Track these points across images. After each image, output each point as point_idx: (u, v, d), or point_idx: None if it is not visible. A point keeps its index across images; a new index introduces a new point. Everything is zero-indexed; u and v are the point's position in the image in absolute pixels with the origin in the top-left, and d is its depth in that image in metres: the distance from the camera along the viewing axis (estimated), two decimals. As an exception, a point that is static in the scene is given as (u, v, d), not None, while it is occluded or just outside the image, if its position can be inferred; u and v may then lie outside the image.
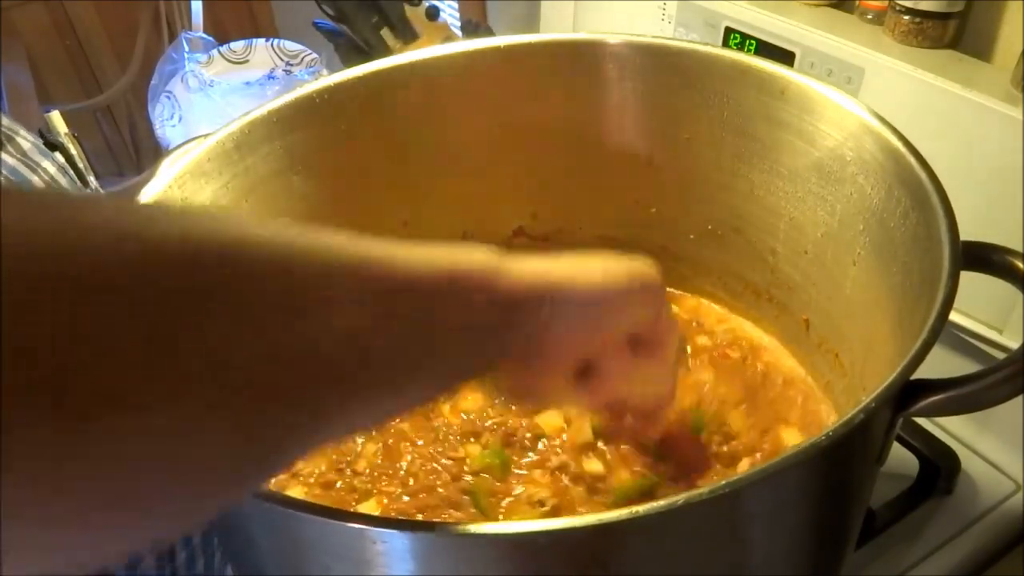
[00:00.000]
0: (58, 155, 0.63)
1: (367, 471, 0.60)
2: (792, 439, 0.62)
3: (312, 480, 0.60)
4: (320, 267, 0.30)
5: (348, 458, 0.61)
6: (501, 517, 0.57)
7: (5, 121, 0.60)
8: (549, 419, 0.63)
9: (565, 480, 0.59)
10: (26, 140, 0.61)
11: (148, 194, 0.55)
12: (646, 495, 0.57)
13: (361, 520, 0.37)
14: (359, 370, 0.31)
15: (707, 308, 0.74)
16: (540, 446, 0.62)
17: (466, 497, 0.58)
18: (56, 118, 0.90)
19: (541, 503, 0.57)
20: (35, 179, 0.59)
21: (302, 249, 0.30)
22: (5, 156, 0.58)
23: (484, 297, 0.36)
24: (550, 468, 0.60)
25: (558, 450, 0.61)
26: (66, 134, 0.87)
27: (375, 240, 0.33)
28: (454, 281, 0.35)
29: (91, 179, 0.68)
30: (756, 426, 0.62)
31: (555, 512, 0.57)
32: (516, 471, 0.60)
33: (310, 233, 0.31)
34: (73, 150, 0.67)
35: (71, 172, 0.64)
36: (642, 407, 0.53)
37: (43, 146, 0.63)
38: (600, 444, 0.61)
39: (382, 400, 0.34)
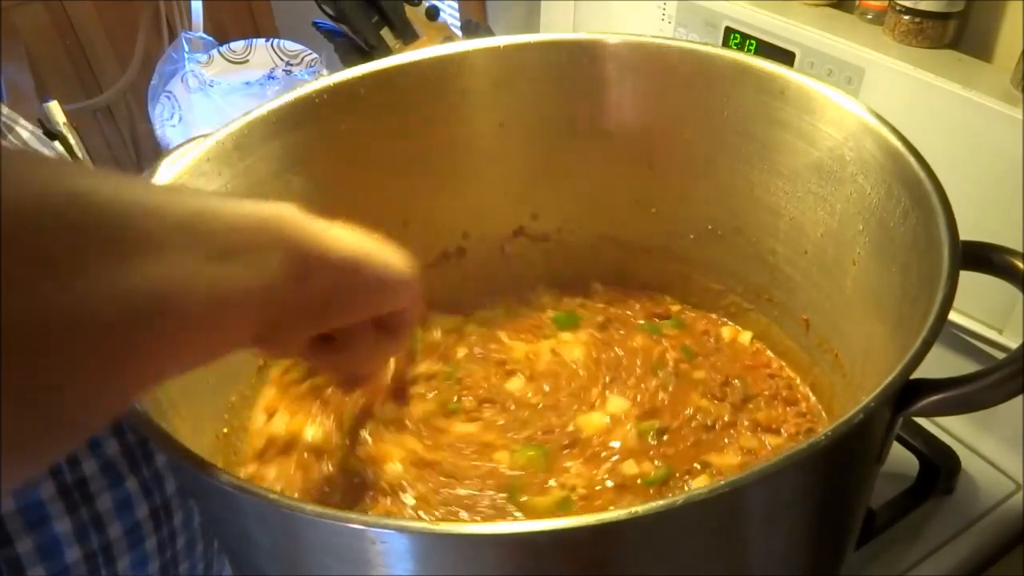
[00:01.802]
0: (57, 144, 0.64)
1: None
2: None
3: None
4: (147, 215, 0.33)
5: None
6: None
7: (5, 111, 0.61)
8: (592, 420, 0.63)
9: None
10: (25, 129, 0.61)
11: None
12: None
13: (361, 520, 0.37)
14: (174, 313, 0.33)
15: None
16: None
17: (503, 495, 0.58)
18: (54, 108, 0.90)
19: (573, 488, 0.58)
20: None
21: (135, 198, 0.32)
22: (7, 145, 0.58)
23: (289, 250, 0.40)
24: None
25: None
26: (64, 124, 0.87)
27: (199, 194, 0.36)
28: (264, 230, 0.39)
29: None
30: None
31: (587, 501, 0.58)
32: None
33: (144, 186, 0.34)
34: (72, 139, 0.67)
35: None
36: (362, 373, 0.58)
37: (43, 135, 0.63)
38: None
39: (185, 348, 0.36)
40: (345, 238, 0.45)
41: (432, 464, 0.59)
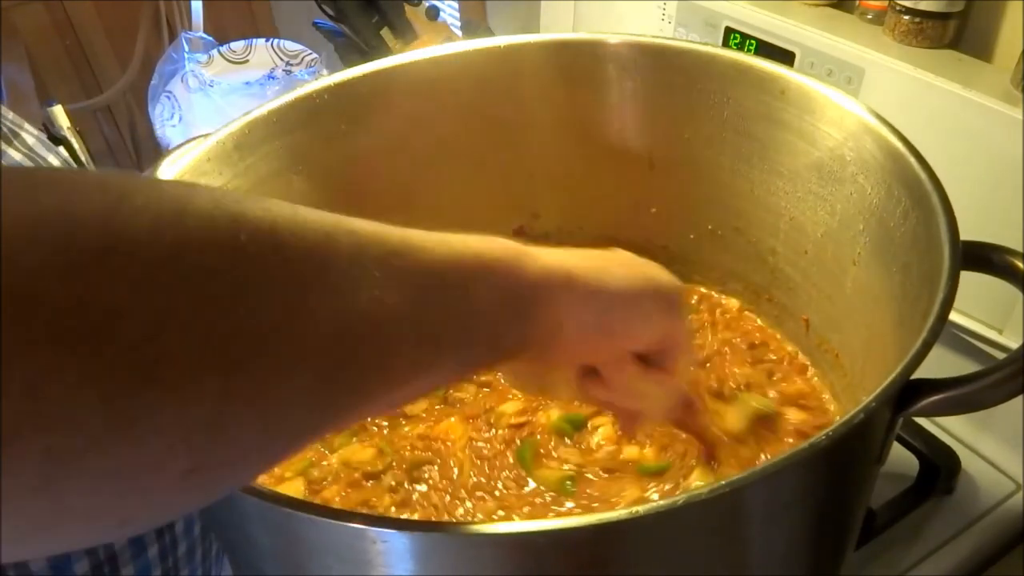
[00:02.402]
0: (62, 149, 0.63)
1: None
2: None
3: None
4: (355, 249, 0.31)
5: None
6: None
7: (10, 116, 0.60)
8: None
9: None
10: (30, 135, 0.61)
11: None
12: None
13: (361, 520, 0.37)
14: (389, 349, 0.32)
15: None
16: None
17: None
18: (59, 112, 0.90)
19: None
20: None
21: (341, 232, 0.31)
22: (11, 151, 0.58)
23: (508, 284, 0.37)
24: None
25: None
26: (68, 128, 0.87)
27: (406, 229, 0.35)
28: (480, 267, 0.36)
29: None
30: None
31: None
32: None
33: (345, 219, 0.32)
34: (76, 144, 0.67)
35: (74, 166, 0.64)
36: (634, 415, 0.52)
37: (47, 140, 0.63)
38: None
39: (408, 380, 0.34)
40: (562, 257, 0.41)
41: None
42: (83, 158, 0.66)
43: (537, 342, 0.39)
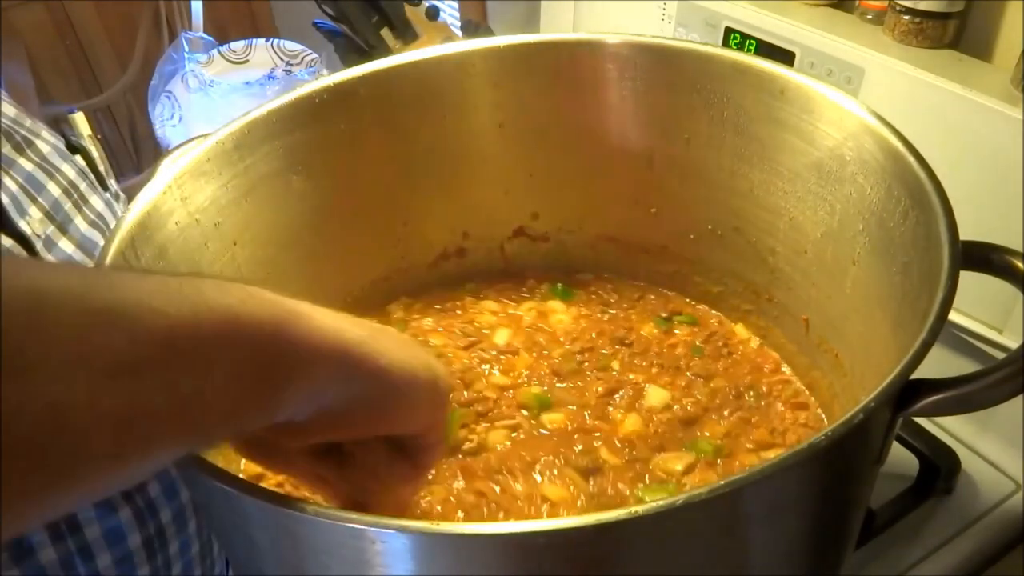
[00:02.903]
0: (79, 158, 0.63)
1: None
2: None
3: None
4: (44, 319, 0.26)
5: None
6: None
7: (27, 123, 0.60)
8: None
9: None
10: (46, 143, 0.60)
11: (148, 194, 0.55)
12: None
13: (361, 520, 0.37)
14: (77, 445, 0.27)
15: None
16: None
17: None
18: (80, 120, 0.90)
19: None
20: (52, 185, 0.58)
21: (62, 295, 0.27)
22: (23, 161, 0.57)
23: (264, 351, 0.32)
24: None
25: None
26: (89, 136, 0.87)
27: (140, 277, 0.30)
28: (230, 331, 0.31)
29: (112, 183, 0.68)
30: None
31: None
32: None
33: (41, 270, 0.28)
34: (95, 153, 0.67)
35: (91, 176, 0.63)
36: (374, 497, 0.46)
37: (64, 148, 0.62)
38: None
39: (111, 471, 0.30)
40: (336, 323, 0.36)
41: None
42: (101, 168, 0.65)
43: (289, 414, 0.35)
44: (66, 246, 0.58)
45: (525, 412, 0.63)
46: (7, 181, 0.55)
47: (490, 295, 0.76)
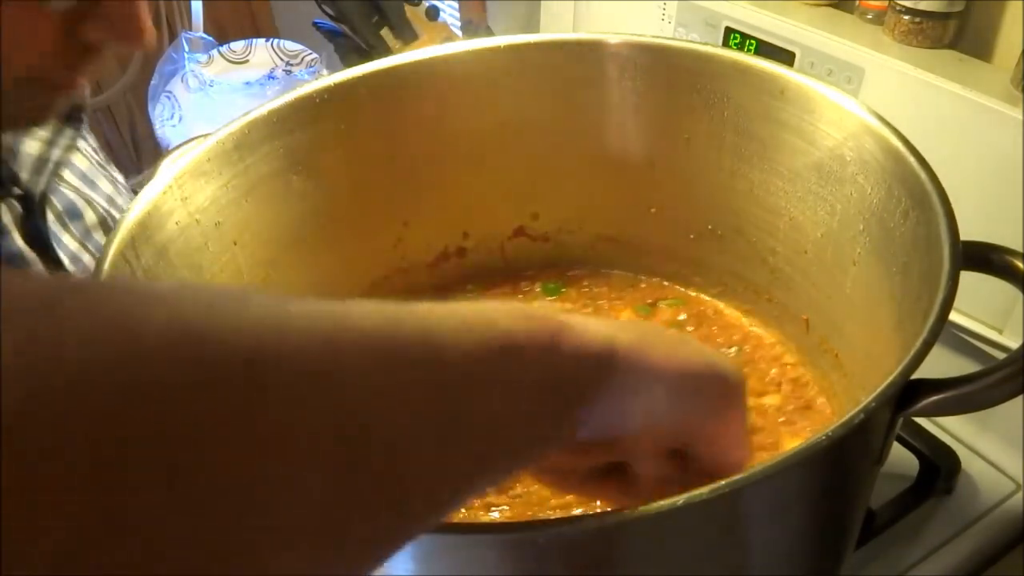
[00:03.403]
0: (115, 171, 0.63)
1: None
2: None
3: None
4: (364, 358, 0.26)
5: None
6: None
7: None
8: None
9: None
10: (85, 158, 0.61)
11: (148, 194, 0.55)
12: None
13: (361, 520, 0.37)
14: (405, 479, 0.26)
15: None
16: None
17: None
18: None
19: None
20: (89, 214, 0.59)
21: (345, 338, 0.26)
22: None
23: (544, 370, 0.31)
24: None
25: None
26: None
27: (421, 313, 0.29)
28: (512, 354, 0.30)
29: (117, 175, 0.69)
30: None
31: None
32: None
33: (344, 313, 0.26)
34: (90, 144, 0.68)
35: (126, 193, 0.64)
36: None
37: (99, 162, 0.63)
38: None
39: (442, 495, 0.29)
40: (607, 329, 0.34)
41: None
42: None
43: (570, 437, 0.33)
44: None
45: None
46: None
47: (491, 296, 0.76)
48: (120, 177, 0.69)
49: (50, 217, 0.60)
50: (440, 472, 0.28)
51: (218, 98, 1.30)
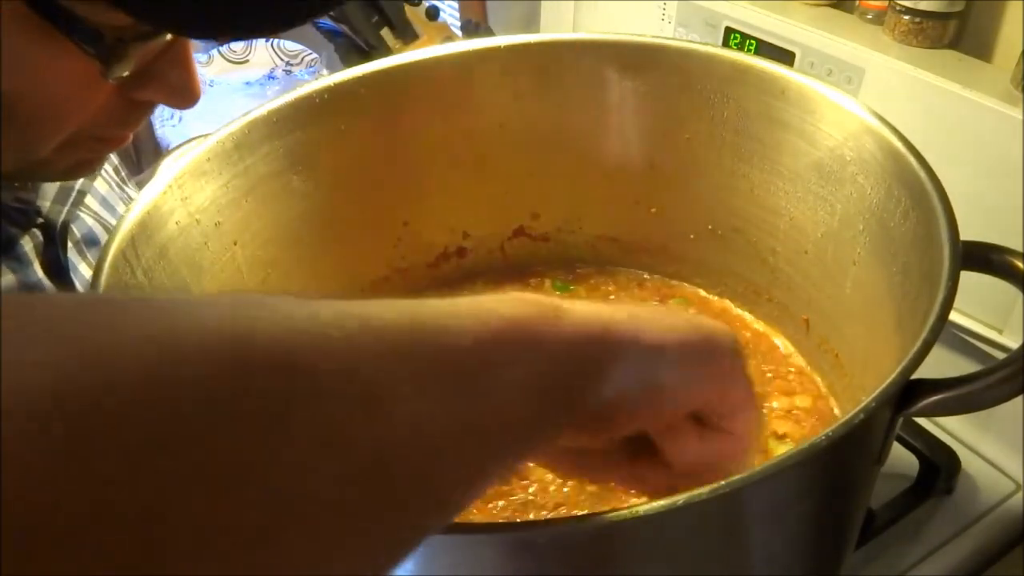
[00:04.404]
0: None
1: None
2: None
3: None
4: (377, 354, 0.26)
5: None
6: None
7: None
8: None
9: None
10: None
11: (148, 194, 0.55)
12: None
13: (361, 520, 0.37)
14: (429, 467, 0.27)
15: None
16: None
17: None
18: None
19: None
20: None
21: (365, 338, 0.26)
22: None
23: (544, 350, 0.32)
24: None
25: None
26: None
27: (431, 307, 0.29)
28: (513, 336, 0.31)
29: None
30: None
31: None
32: None
33: (358, 312, 0.27)
34: None
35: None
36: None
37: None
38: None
39: (454, 489, 0.29)
40: (601, 312, 0.35)
41: None
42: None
43: (587, 409, 0.34)
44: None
45: None
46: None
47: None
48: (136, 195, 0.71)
49: (69, 246, 0.61)
50: (461, 459, 0.28)
51: (218, 98, 1.30)
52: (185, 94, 0.48)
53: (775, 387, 0.66)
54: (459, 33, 1.05)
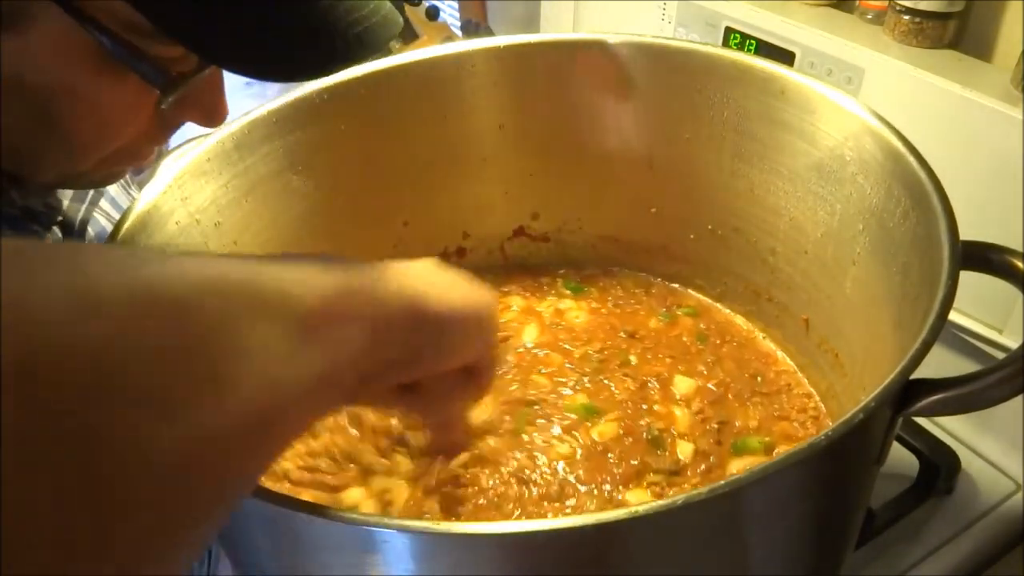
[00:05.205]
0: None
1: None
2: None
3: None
4: (216, 297, 0.29)
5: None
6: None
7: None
8: None
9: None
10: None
11: (148, 194, 0.55)
12: None
13: (361, 520, 0.37)
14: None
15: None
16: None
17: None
18: None
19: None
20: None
21: (206, 280, 0.29)
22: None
23: (371, 312, 0.37)
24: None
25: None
26: None
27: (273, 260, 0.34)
28: (332, 305, 0.35)
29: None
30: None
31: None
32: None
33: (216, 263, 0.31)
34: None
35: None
36: (444, 422, 0.56)
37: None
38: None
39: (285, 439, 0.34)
40: (428, 283, 0.42)
41: None
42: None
43: (388, 369, 0.40)
44: None
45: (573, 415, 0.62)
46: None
47: (501, 293, 0.76)
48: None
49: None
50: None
51: (218, 98, 1.29)
52: (216, 116, 0.52)
53: (775, 387, 0.66)
54: (459, 33, 1.05)
